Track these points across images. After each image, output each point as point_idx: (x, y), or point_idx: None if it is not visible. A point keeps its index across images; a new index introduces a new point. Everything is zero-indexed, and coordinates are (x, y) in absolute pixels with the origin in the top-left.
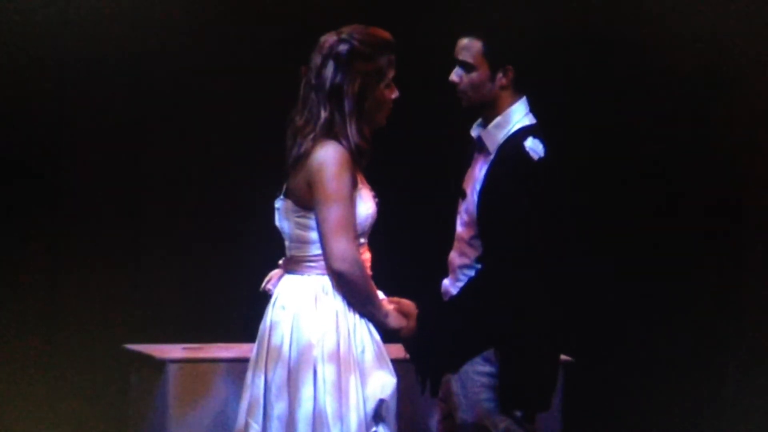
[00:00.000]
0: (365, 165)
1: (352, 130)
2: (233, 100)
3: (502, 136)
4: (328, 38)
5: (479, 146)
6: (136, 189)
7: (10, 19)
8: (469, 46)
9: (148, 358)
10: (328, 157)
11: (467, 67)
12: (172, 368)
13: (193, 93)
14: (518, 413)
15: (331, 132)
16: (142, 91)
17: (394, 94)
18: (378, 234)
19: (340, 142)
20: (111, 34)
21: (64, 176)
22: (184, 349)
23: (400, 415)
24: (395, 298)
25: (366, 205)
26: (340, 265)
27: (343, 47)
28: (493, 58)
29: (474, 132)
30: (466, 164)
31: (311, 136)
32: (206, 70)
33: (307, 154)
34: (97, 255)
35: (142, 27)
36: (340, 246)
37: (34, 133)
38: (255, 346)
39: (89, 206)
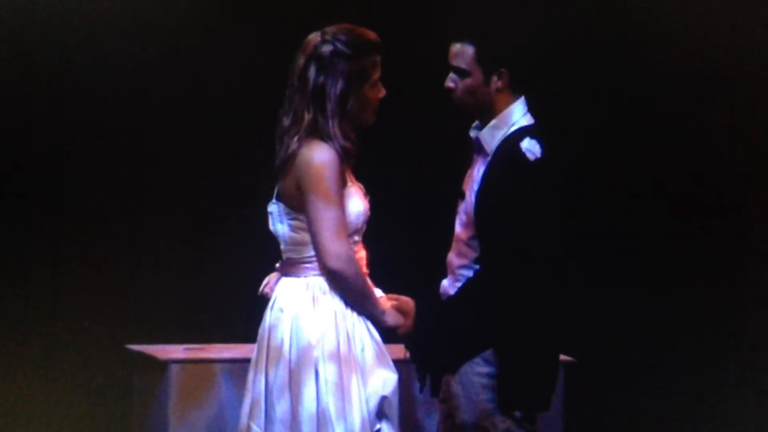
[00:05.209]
0: (352, 163)
1: (335, 131)
2: (234, 102)
3: (499, 137)
4: (312, 39)
5: (478, 147)
6: (138, 190)
7: (12, 20)
8: (461, 52)
9: (151, 359)
10: (315, 157)
11: (461, 73)
12: (174, 368)
13: (195, 95)
14: (518, 414)
15: (315, 132)
16: (144, 93)
17: (381, 94)
18: (377, 234)
19: (325, 142)
20: (113, 35)
21: (66, 177)
22: (186, 349)
23: (400, 414)
24: (394, 295)
25: (356, 203)
26: (334, 264)
27: (325, 48)
28: (487, 62)
29: (472, 133)
30: (466, 165)
31: (296, 137)
32: (207, 72)
33: (293, 155)
34: (99, 255)
35: (143, 28)
36: (333, 245)
37: (37, 134)
38: (255, 348)
39: (92, 207)
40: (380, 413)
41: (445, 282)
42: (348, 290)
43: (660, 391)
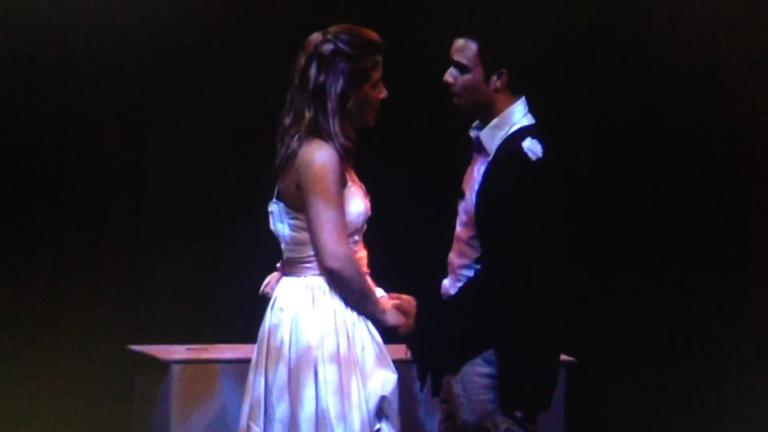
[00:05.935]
0: (353, 163)
1: (336, 130)
2: (235, 102)
3: (500, 136)
4: (313, 38)
5: (478, 147)
6: (139, 190)
7: (13, 19)
8: (464, 48)
9: (152, 359)
10: (315, 156)
11: (462, 69)
12: (175, 369)
13: (195, 95)
14: (519, 414)
15: (316, 131)
16: (145, 93)
17: (382, 95)
18: (378, 234)
19: (326, 141)
20: (114, 34)
21: (67, 177)
22: (188, 349)
23: (401, 415)
24: (395, 294)
25: (356, 203)
26: (333, 263)
27: (326, 47)
28: (488, 60)
29: (472, 133)
30: (465, 165)
31: (297, 136)
32: (208, 72)
33: (294, 154)
34: (100, 256)
35: (144, 28)
36: (332, 244)
37: (38, 134)
38: (255, 348)
39: (93, 207)
40: (380, 413)
41: (446, 282)
42: (347, 290)
43: (660, 391)
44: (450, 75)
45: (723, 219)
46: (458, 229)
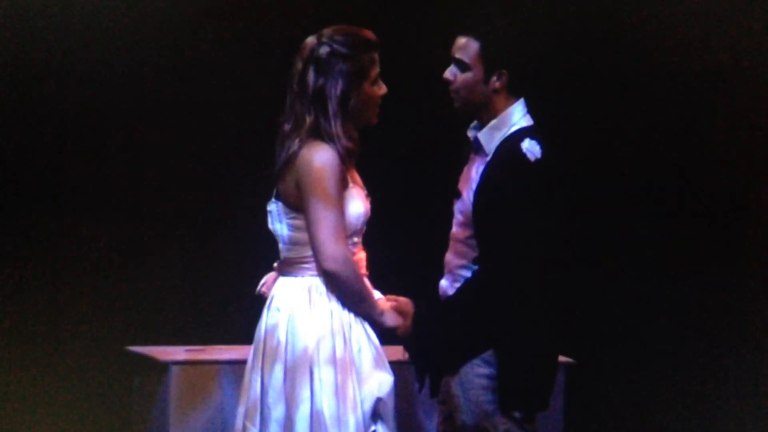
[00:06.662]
0: (354, 164)
1: (338, 132)
2: (234, 103)
3: (499, 137)
4: (309, 42)
5: (476, 147)
6: (137, 191)
7: (11, 21)
8: (466, 46)
9: (151, 360)
10: (315, 158)
11: (462, 67)
12: (174, 370)
13: (195, 96)
14: (518, 414)
15: (317, 134)
16: (143, 94)
17: (382, 91)
18: (376, 234)
19: (326, 143)
20: (114, 35)
21: (65, 178)
22: (187, 350)
23: (398, 416)
24: (392, 296)
25: (357, 204)
26: (331, 265)
27: (323, 50)
28: (489, 60)
29: (470, 133)
30: (461, 165)
31: (297, 140)
32: (207, 73)
33: (294, 155)
34: (99, 257)
35: (143, 30)
36: (330, 246)
37: (36, 135)
38: (251, 349)
39: (91, 208)
40: (375, 415)
41: (443, 282)
42: (345, 292)
43: (659, 391)
44: (450, 72)
45: (723, 219)
46: (455, 229)
